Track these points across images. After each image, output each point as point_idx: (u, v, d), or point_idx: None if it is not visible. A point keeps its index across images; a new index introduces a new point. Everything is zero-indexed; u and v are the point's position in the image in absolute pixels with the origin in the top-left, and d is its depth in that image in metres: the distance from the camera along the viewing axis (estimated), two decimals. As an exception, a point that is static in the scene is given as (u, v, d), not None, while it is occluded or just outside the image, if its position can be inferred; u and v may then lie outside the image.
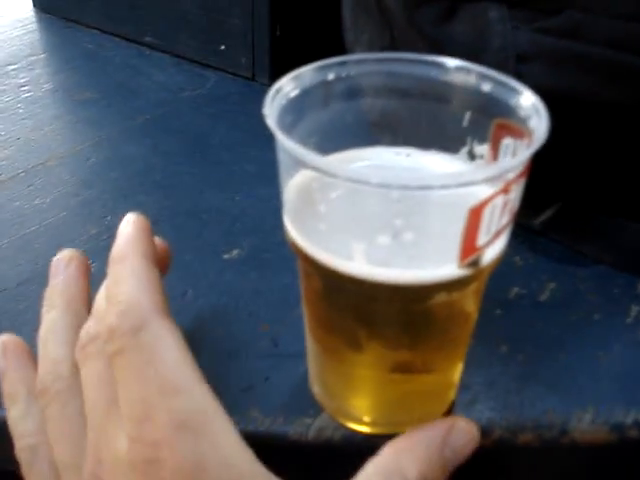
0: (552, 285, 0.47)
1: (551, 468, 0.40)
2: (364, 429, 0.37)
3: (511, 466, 0.39)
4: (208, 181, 0.58)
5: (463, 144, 0.35)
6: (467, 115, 0.34)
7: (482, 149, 0.34)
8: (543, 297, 0.46)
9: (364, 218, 0.32)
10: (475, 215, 0.28)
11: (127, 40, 0.85)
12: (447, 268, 0.29)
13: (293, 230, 0.32)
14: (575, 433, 0.37)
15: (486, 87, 0.33)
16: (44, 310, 0.38)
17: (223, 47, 0.75)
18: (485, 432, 0.37)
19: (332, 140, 0.30)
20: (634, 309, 0.45)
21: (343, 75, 0.34)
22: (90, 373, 0.33)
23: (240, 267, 0.48)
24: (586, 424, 0.38)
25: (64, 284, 0.39)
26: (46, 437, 0.34)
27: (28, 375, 0.37)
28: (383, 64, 0.35)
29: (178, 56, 0.81)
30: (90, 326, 0.34)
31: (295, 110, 0.32)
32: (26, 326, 0.44)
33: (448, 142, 0.35)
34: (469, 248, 0.29)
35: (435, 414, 0.38)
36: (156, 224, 0.52)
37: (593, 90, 0.44)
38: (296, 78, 0.33)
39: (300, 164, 0.30)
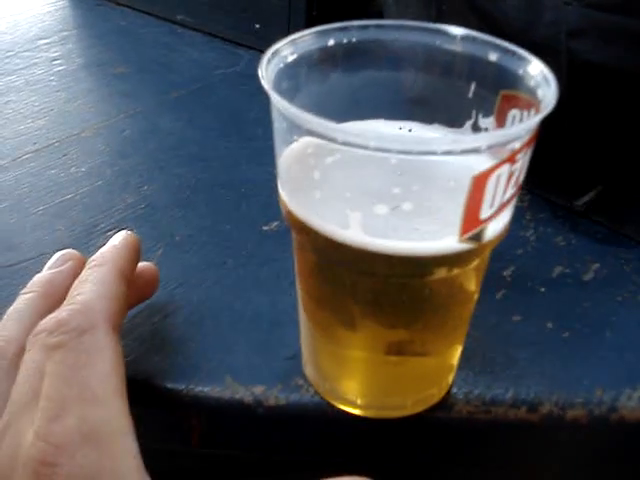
0: (596, 265, 0.46)
1: (595, 445, 0.39)
2: (357, 412, 0.36)
3: (557, 442, 0.38)
4: (244, 155, 0.58)
5: (468, 117, 0.33)
6: (472, 86, 0.33)
7: (487, 122, 0.33)
8: (587, 277, 0.45)
9: (361, 185, 0.30)
10: (479, 184, 0.26)
11: (159, 18, 0.84)
12: (447, 241, 0.28)
13: (287, 198, 0.31)
14: (624, 410, 0.37)
15: (493, 56, 0.31)
16: (23, 291, 0.37)
17: (258, 26, 0.74)
18: (533, 407, 0.37)
19: (331, 113, 0.27)
20: (680, 291, 0.44)
21: (344, 41, 0.33)
22: (29, 360, 0.32)
23: (280, 239, 0.47)
24: (635, 402, 0.37)
25: (52, 276, 0.38)
26: None
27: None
28: (386, 31, 0.33)
29: (210, 34, 0.80)
30: (51, 317, 0.33)
31: (292, 76, 0.31)
32: (64, 290, 0.43)
33: (452, 115, 0.34)
34: (471, 221, 0.27)
35: (431, 399, 0.37)
36: (194, 194, 0.53)
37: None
38: (294, 42, 0.31)
39: (295, 128, 0.28)
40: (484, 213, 0.28)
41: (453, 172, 0.28)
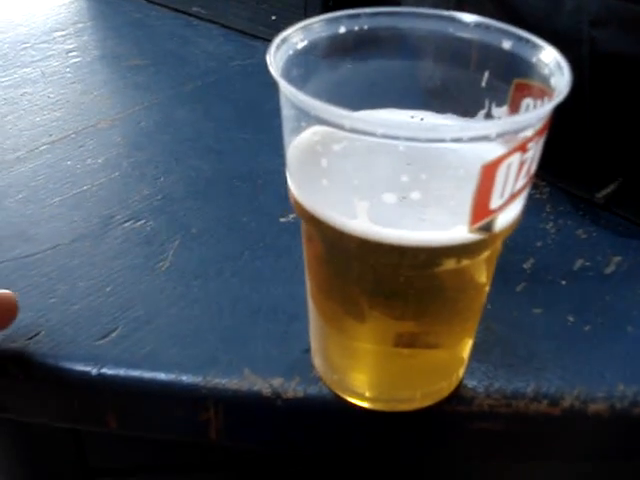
0: (617, 259, 0.45)
1: (617, 439, 0.39)
2: (365, 405, 0.36)
3: (579, 436, 0.38)
4: (261, 146, 0.57)
5: (481, 107, 0.33)
6: (485, 75, 0.32)
7: (501, 111, 0.32)
8: (608, 270, 0.44)
9: (368, 174, 0.30)
10: (489, 173, 0.26)
11: (174, 10, 0.84)
12: (456, 231, 0.28)
13: (295, 187, 0.31)
14: (647, 405, 0.36)
15: (506, 44, 0.31)
16: None
17: (274, 18, 0.74)
18: (555, 401, 0.36)
19: (343, 101, 0.27)
20: None
21: (355, 29, 0.32)
22: None
23: (297, 230, 0.46)
24: (659, 397, 0.36)
25: None
26: None
27: None
28: (398, 18, 0.33)
29: (226, 27, 0.79)
30: None
31: (302, 64, 0.31)
32: (80, 281, 0.43)
33: (465, 105, 0.33)
34: (481, 211, 0.27)
35: (441, 393, 0.36)
36: (210, 186, 0.52)
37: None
38: (304, 29, 0.31)
39: (303, 116, 0.28)
40: (494, 203, 0.27)
41: (463, 160, 0.28)
